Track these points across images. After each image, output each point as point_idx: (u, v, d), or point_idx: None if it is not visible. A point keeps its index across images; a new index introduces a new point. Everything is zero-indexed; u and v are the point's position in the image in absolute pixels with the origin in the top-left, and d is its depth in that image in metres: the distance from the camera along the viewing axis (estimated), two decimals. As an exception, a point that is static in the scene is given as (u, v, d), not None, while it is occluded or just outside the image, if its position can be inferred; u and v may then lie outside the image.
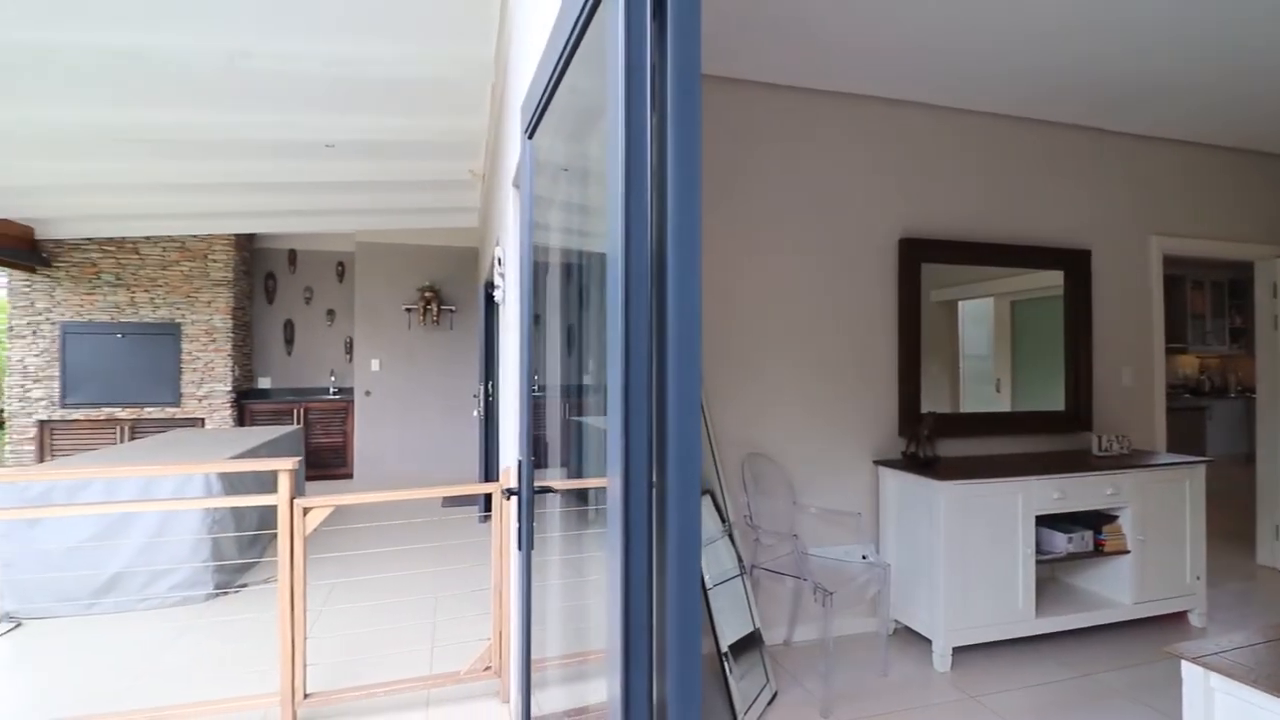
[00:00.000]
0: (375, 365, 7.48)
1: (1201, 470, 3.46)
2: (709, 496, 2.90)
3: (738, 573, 2.84)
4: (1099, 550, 3.27)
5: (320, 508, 2.50)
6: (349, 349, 7.77)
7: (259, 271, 7.61)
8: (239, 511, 4.06)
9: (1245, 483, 4.75)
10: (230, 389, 6.87)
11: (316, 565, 3.25)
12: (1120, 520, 3.32)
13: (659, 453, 0.84)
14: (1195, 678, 1.69)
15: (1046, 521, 3.23)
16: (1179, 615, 3.43)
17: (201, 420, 6.81)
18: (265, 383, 7.60)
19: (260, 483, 4.24)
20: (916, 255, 3.49)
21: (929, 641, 3.00)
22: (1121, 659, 3.03)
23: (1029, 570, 3.07)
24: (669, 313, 0.82)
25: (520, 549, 1.80)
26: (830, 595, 2.60)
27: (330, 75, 3.18)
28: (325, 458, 7.33)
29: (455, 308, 7.65)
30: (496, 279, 3.18)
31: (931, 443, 3.27)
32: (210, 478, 3.75)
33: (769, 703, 2.64)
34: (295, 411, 7.26)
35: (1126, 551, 3.27)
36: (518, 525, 1.81)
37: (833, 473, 3.37)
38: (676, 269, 0.82)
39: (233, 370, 6.91)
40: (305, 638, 2.49)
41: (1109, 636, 3.23)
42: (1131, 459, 3.48)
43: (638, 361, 0.86)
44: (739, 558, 2.91)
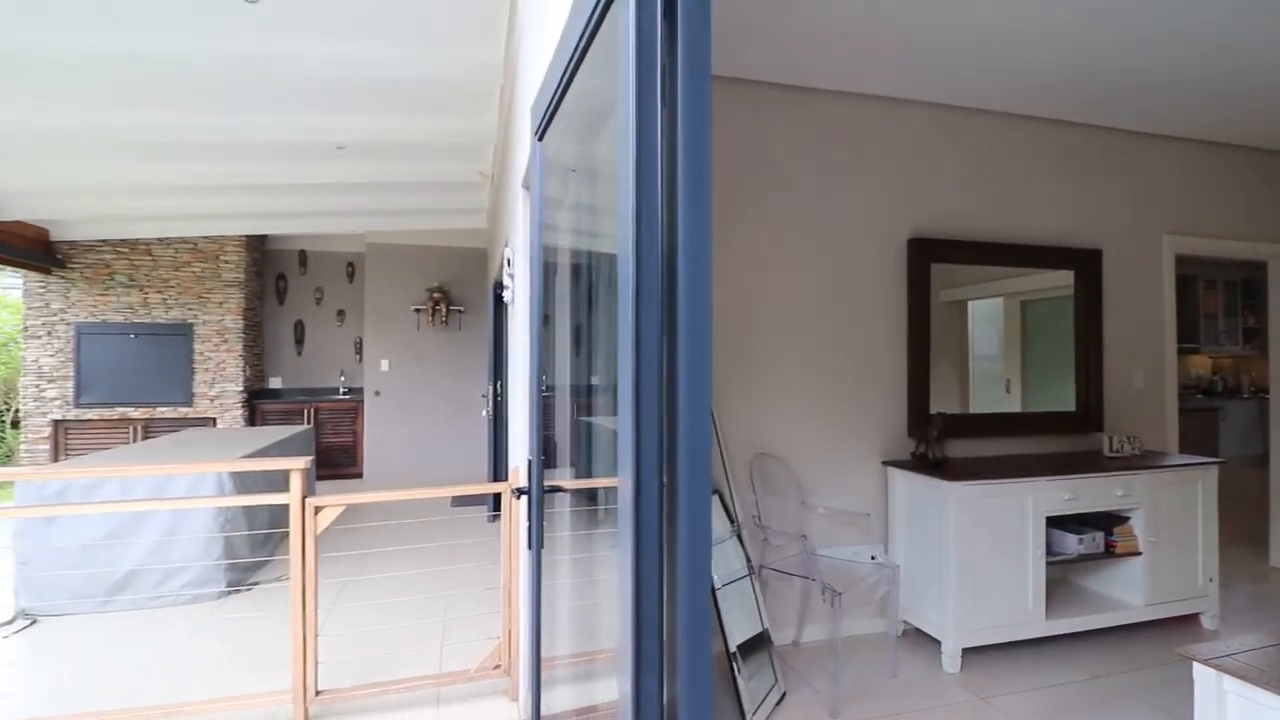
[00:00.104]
0: (385, 365, 7.52)
1: (1214, 471, 3.43)
2: (717, 496, 2.90)
3: (746, 573, 2.84)
4: (1110, 552, 3.25)
5: (332, 507, 2.52)
6: (359, 349, 7.82)
7: (270, 272, 7.67)
8: (251, 510, 4.09)
9: (1259, 484, 4.70)
10: (241, 389, 6.93)
11: (327, 564, 3.27)
12: (1132, 522, 3.29)
13: (669, 452, 0.84)
14: (1207, 680, 1.68)
15: (1057, 523, 3.21)
16: (1191, 618, 3.40)
17: (213, 420, 6.87)
18: (276, 383, 7.65)
19: (271, 482, 4.27)
20: (925, 255, 3.48)
21: (938, 643, 2.99)
22: (1133, 661, 3.01)
23: (1039, 571, 3.05)
24: (679, 312, 0.82)
25: (530, 548, 1.81)
26: (839, 596, 2.60)
27: (340, 77, 3.21)
28: (335, 457, 7.39)
29: (464, 308, 7.69)
30: (506, 279, 3.19)
31: (941, 443, 3.26)
32: (223, 477, 3.78)
33: (778, 703, 2.64)
34: (305, 411, 7.31)
35: (1138, 553, 3.25)
36: (528, 524, 1.82)
37: (841, 473, 3.36)
38: (687, 268, 0.82)
39: (244, 370, 6.97)
40: (317, 635, 2.51)
41: (1120, 638, 3.21)
42: (1143, 460, 3.46)
43: (649, 361, 0.86)
44: (747, 558, 2.91)
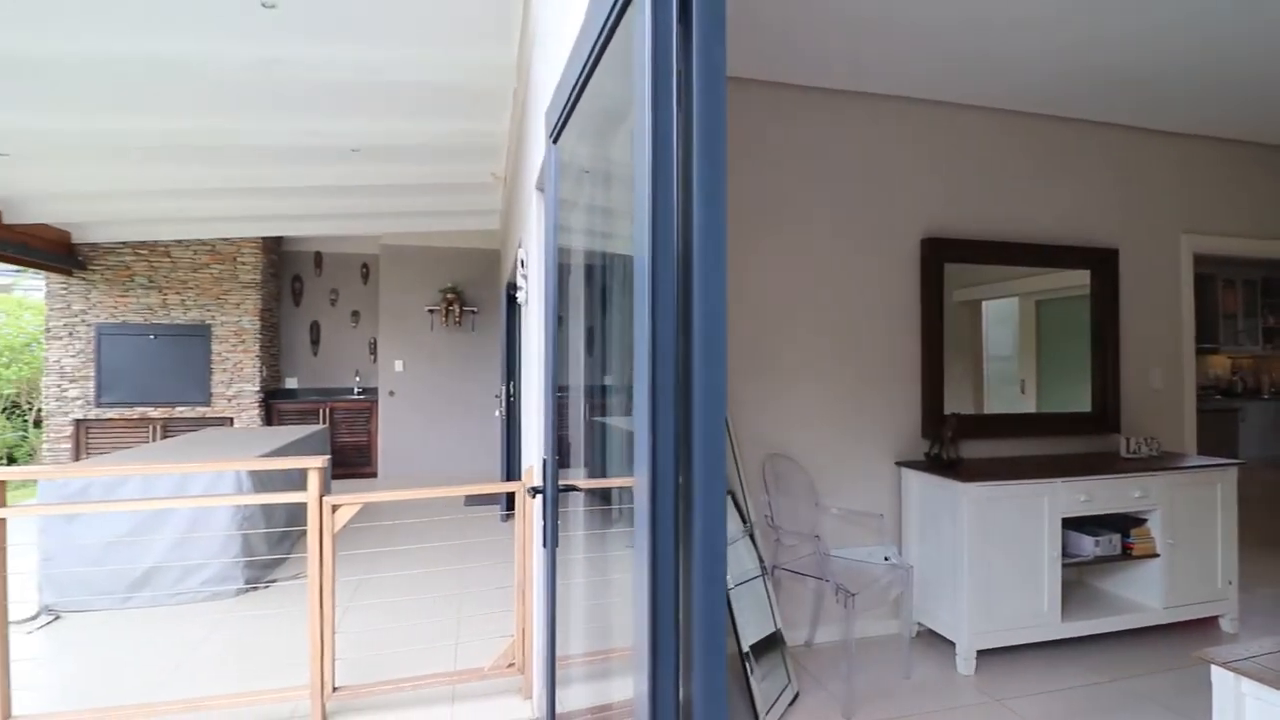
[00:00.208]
0: (399, 366, 7.59)
1: (1233, 473, 3.39)
2: (729, 496, 2.90)
3: (759, 573, 2.84)
4: (1127, 554, 3.22)
5: (349, 505, 2.55)
6: (373, 350, 7.89)
7: (286, 274, 7.75)
8: (268, 509, 4.14)
9: (1279, 485, 4.63)
10: (258, 389, 7.02)
11: (342, 562, 3.31)
12: (1149, 523, 3.26)
13: (684, 452, 0.85)
14: (1226, 683, 1.67)
15: (1073, 524, 3.18)
16: (1210, 620, 3.36)
17: (230, 420, 6.96)
18: (292, 383, 7.74)
19: (288, 481, 4.32)
20: (939, 255, 3.46)
21: (952, 644, 2.98)
22: (1150, 664, 2.98)
23: (1054, 573, 3.03)
24: (694, 313, 0.83)
25: (545, 546, 1.83)
26: (852, 596, 2.59)
27: (354, 80, 3.25)
28: (350, 456, 7.46)
29: (477, 309, 7.74)
30: (519, 280, 3.21)
31: (955, 444, 3.24)
32: (241, 475, 3.83)
33: (790, 703, 2.64)
34: (321, 411, 7.39)
35: (1156, 555, 3.22)
36: (542, 523, 1.83)
37: (855, 474, 3.36)
38: (702, 270, 0.83)
39: (261, 370, 7.06)
40: (334, 632, 2.54)
41: (1137, 641, 3.18)
42: (1161, 461, 3.42)
43: (665, 362, 0.87)
44: (760, 558, 2.91)
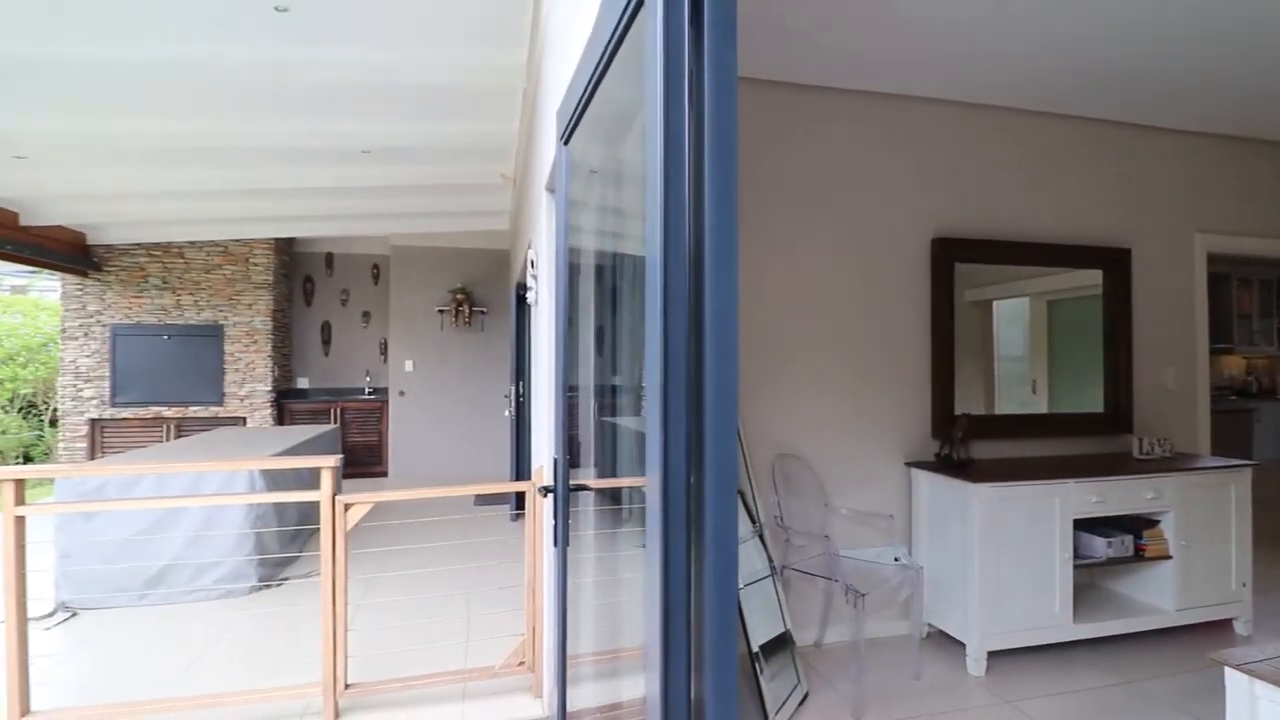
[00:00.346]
0: (409, 366, 7.63)
1: (1248, 474, 3.36)
2: (739, 496, 2.91)
3: (768, 573, 2.84)
4: (1140, 555, 3.19)
5: (361, 504, 2.57)
6: (384, 350, 7.93)
7: (297, 275, 7.81)
8: (280, 507, 4.18)
9: (1296, 488, 4.58)
10: (270, 389, 7.08)
11: (354, 560, 3.33)
12: (1162, 525, 3.24)
13: (696, 453, 0.85)
14: (1239, 685, 1.66)
15: (1085, 525, 3.16)
16: (1224, 623, 3.33)
17: (243, 419, 7.02)
18: (304, 383, 7.79)
19: (300, 480, 4.36)
20: (950, 255, 3.45)
21: (962, 645, 2.97)
22: (1163, 666, 2.96)
23: (1066, 574, 3.01)
24: (706, 312, 0.83)
25: (556, 545, 1.84)
26: (862, 597, 2.59)
27: (365, 82, 3.27)
28: (361, 456, 7.50)
29: (486, 309, 7.77)
30: (529, 281, 3.23)
31: (965, 444, 3.23)
32: (254, 474, 3.86)
33: (800, 704, 2.64)
34: (332, 411, 7.44)
35: (1169, 557, 3.19)
36: (553, 522, 1.84)
37: (865, 474, 3.35)
38: (714, 269, 0.84)
39: (273, 371, 7.11)
40: (347, 629, 2.56)
41: (1150, 643, 3.15)
42: (1174, 462, 3.40)
43: (676, 362, 0.87)
44: (769, 558, 2.91)
